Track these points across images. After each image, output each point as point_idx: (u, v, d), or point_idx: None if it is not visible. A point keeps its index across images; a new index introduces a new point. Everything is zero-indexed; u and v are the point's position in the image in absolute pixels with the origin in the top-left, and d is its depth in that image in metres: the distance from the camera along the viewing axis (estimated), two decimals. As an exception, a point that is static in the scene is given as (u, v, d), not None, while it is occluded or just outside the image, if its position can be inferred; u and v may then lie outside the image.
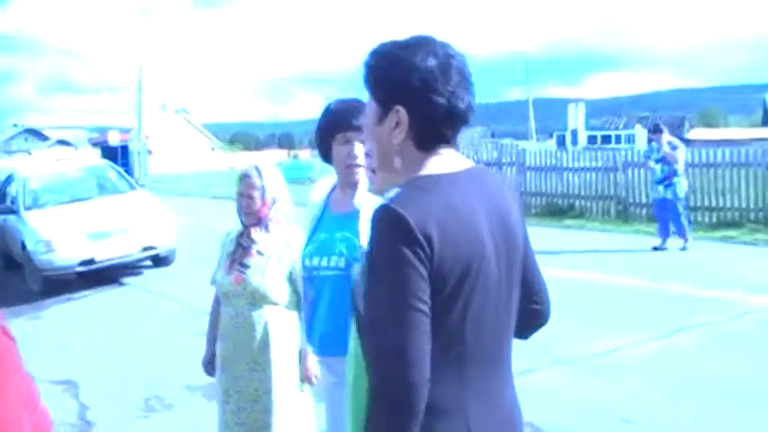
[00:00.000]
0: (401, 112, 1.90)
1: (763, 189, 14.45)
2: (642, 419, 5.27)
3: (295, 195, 4.19)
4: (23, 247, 11.88)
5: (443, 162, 1.92)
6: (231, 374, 3.95)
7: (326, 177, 3.54)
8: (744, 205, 14.66)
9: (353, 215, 3.12)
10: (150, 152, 52.07)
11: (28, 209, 12.41)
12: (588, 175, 17.38)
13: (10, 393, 1.39)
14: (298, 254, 3.92)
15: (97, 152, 47.72)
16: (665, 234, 12.20)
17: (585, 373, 6.40)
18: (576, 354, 6.70)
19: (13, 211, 12.62)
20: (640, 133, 54.79)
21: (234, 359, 3.94)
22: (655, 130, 12.70)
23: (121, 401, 6.41)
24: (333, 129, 3.22)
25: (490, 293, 1.88)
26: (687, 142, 50.22)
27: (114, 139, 52.56)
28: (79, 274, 11.66)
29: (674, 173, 12.10)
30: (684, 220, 12.19)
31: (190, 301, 9.25)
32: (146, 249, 12.12)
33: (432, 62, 1.88)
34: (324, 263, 3.19)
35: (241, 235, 4.01)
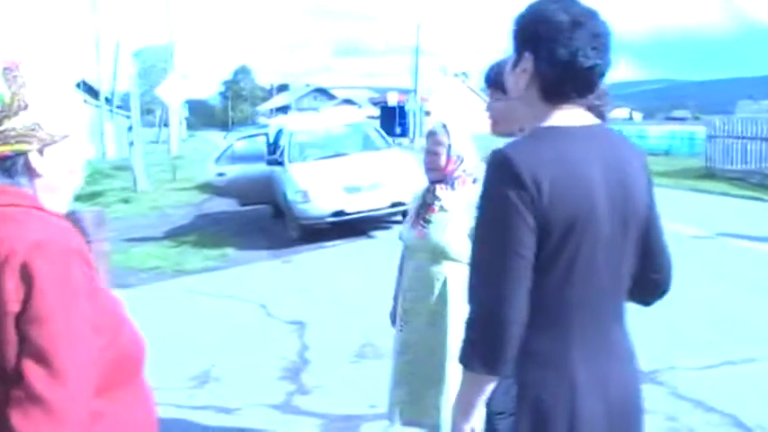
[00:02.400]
0: (528, 58, 1.97)
1: None
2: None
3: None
4: (285, 196, 12.82)
5: (566, 117, 1.96)
6: (411, 326, 4.10)
7: None
8: None
9: None
10: (428, 113, 53.38)
11: (292, 161, 13.32)
12: None
13: (77, 312, 1.61)
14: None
15: (377, 111, 49.63)
16: None
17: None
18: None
19: (280, 163, 13.59)
20: None
21: (414, 312, 4.08)
22: None
23: (339, 345, 6.81)
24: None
25: (600, 250, 1.91)
26: None
27: (393, 100, 54.55)
28: (332, 224, 12.39)
29: None
30: None
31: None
32: (395, 205, 12.51)
33: (563, 17, 1.92)
34: None
35: (427, 191, 4.12)
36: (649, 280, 2.09)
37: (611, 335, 1.99)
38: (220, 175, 14.46)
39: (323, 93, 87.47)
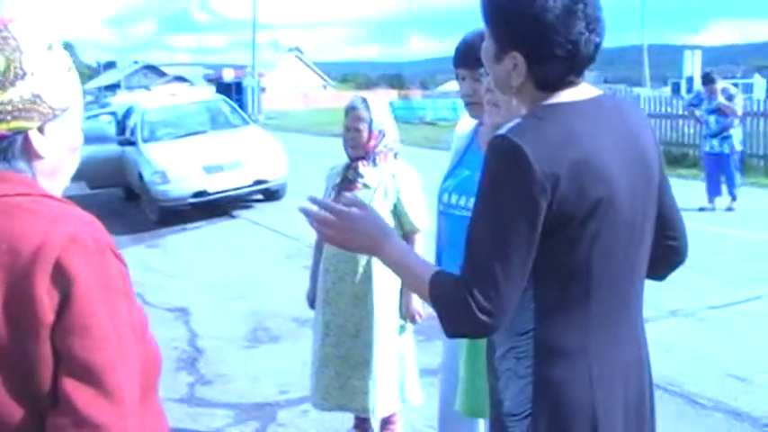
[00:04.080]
0: (518, 58, 1.75)
1: None
2: (754, 377, 5.11)
3: (405, 135, 4.13)
4: (141, 177, 12.30)
5: (569, 93, 1.78)
6: (333, 308, 3.98)
7: None
8: None
9: None
10: (264, 89, 52.72)
11: (145, 141, 12.83)
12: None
13: (121, 316, 1.38)
14: (404, 188, 3.91)
15: (212, 88, 48.59)
16: (716, 192, 11.22)
17: (701, 326, 6.22)
18: (693, 306, 6.51)
19: (132, 143, 13.04)
20: (759, 83, 52.22)
21: (336, 293, 3.96)
22: (707, 80, 11.54)
23: (230, 331, 6.60)
24: (453, 64, 3.02)
25: (620, 231, 1.76)
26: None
27: (229, 76, 53.46)
28: (193, 205, 12.02)
29: (731, 125, 11.15)
30: (738, 177, 11.33)
31: (299, 235, 9.39)
32: (257, 183, 12.35)
33: (555, 6, 1.68)
34: (462, 202, 2.94)
35: (348, 168, 3.99)
36: (667, 248, 1.99)
37: (630, 322, 1.88)
38: None
39: (153, 70, 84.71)
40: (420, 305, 3.94)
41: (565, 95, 1.77)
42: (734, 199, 11.17)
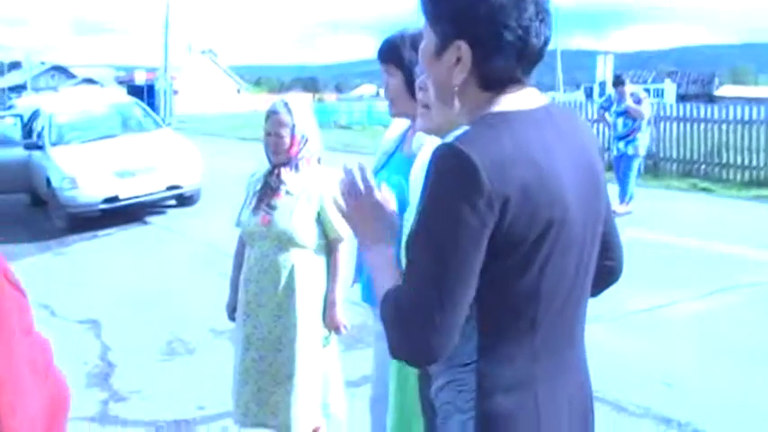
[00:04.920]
0: (463, 48, 1.60)
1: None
2: (676, 380, 5.14)
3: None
4: (48, 183, 11.83)
5: (516, 99, 1.64)
6: (255, 320, 3.82)
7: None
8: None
9: (413, 159, 2.86)
10: (176, 92, 51.88)
11: (54, 145, 12.34)
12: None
13: (17, 356, 1.21)
14: (328, 194, 3.77)
15: (123, 90, 47.59)
16: (626, 195, 11.23)
17: (623, 331, 6.23)
18: (615, 312, 6.50)
19: (39, 147, 12.55)
20: (669, 88, 53.89)
21: (258, 304, 3.80)
22: (617, 83, 11.54)
23: (144, 343, 6.34)
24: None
25: (571, 254, 1.63)
26: (716, 99, 49.47)
27: (140, 78, 52.50)
28: (104, 211, 11.61)
29: (638, 128, 11.15)
30: (633, 182, 11.29)
31: (214, 242, 9.16)
32: (171, 188, 12.05)
33: None
34: None
35: (269, 174, 3.83)
36: (605, 268, 1.89)
37: (575, 347, 1.77)
38: None
39: (61, 71, 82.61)
40: (345, 315, 3.82)
41: (513, 101, 1.63)
42: (624, 201, 11.12)
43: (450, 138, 1.56)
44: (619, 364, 5.41)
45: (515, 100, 1.64)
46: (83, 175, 11.40)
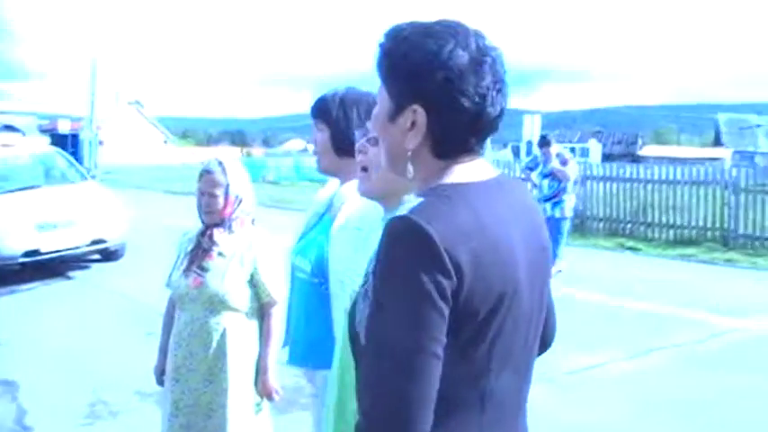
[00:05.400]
0: (418, 112, 1.58)
1: (720, 208, 14.46)
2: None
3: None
4: (-35, 235, 11.36)
5: (469, 170, 1.61)
6: (184, 385, 3.67)
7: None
8: (701, 224, 14.64)
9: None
10: (102, 143, 50.97)
11: (-28, 196, 11.90)
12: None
13: None
14: (262, 257, 3.68)
15: (47, 139, 46.54)
16: (553, 256, 11.29)
17: (561, 392, 6.22)
18: (551, 372, 6.48)
19: (-45, 198, 12.09)
20: (594, 147, 55.23)
21: (187, 369, 3.66)
22: (543, 143, 11.50)
23: (64, 406, 6.05)
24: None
25: (521, 327, 1.60)
26: (640, 159, 50.89)
27: (65, 127, 51.34)
28: (24, 265, 11.22)
29: (564, 190, 11.18)
30: (563, 244, 11.27)
31: (141, 299, 8.89)
32: (95, 242, 11.71)
33: (462, 56, 1.56)
34: (302, 264, 2.97)
35: (202, 235, 3.73)
36: (542, 335, 1.84)
37: (520, 418, 1.72)
38: None
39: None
40: (277, 381, 3.70)
41: (466, 172, 1.60)
42: (553, 263, 11.22)
43: (402, 210, 1.51)
44: (558, 426, 5.37)
45: (468, 170, 1.61)
46: (2, 227, 11.01)
